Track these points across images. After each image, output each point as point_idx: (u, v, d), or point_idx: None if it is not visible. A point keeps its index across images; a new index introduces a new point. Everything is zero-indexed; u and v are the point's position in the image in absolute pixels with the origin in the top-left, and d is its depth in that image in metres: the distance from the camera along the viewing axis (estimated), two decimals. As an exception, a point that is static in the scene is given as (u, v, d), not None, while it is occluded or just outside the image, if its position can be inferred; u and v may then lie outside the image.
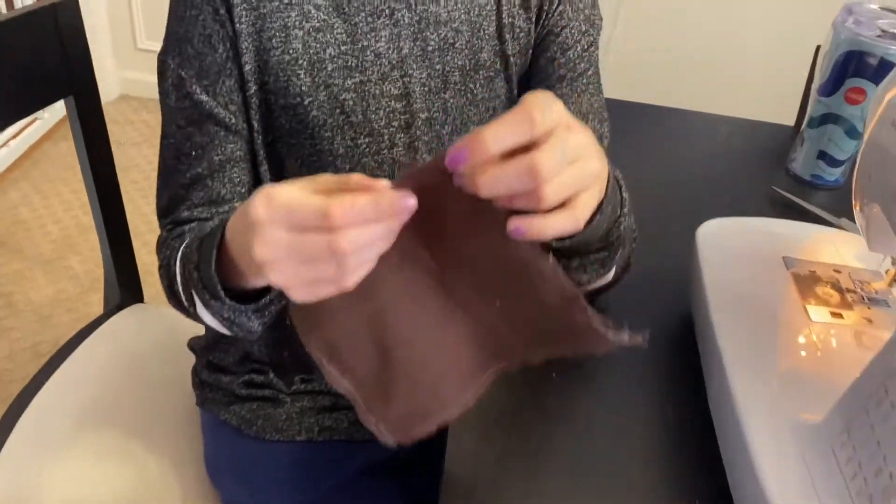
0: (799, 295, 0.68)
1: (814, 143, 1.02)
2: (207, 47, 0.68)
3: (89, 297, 1.86)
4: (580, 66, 0.77)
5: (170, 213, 0.73)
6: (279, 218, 0.43)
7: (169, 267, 0.69)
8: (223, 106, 0.69)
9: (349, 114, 0.70)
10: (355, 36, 0.70)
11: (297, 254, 0.44)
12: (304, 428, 0.82)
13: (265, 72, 0.69)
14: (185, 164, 0.71)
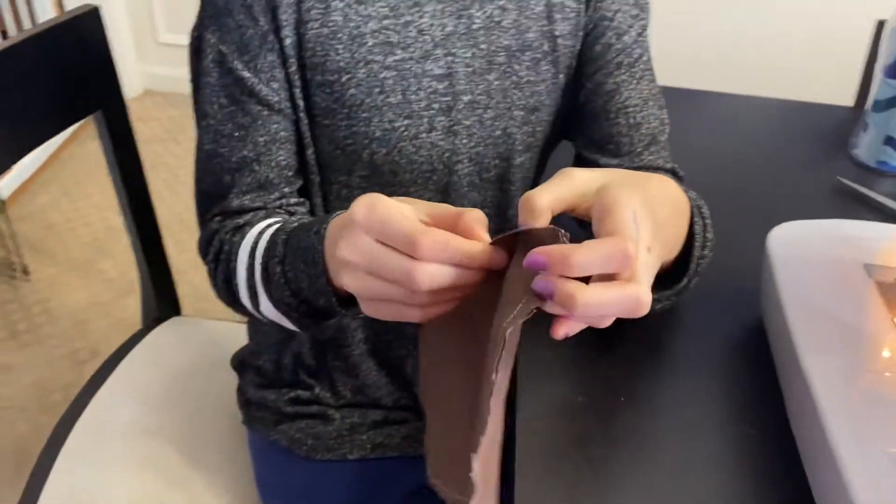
0: (886, 307, 0.63)
1: (880, 128, 0.96)
2: (249, 19, 0.64)
3: (124, 300, 1.86)
4: (636, 51, 0.73)
5: (216, 202, 0.69)
6: (372, 227, 0.44)
7: (229, 262, 0.66)
8: (265, 83, 0.66)
9: (388, 93, 0.67)
10: (398, 10, 0.66)
11: (375, 266, 0.45)
12: (355, 446, 0.79)
13: (302, 45, 0.65)
14: (226, 146, 0.68)
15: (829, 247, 0.70)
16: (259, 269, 0.63)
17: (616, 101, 0.73)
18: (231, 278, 0.67)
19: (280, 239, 0.61)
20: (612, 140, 0.74)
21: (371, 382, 0.80)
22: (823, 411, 0.55)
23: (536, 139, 0.75)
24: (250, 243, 0.65)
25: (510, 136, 0.72)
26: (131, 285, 1.90)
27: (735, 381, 0.67)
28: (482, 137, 0.71)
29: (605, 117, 0.74)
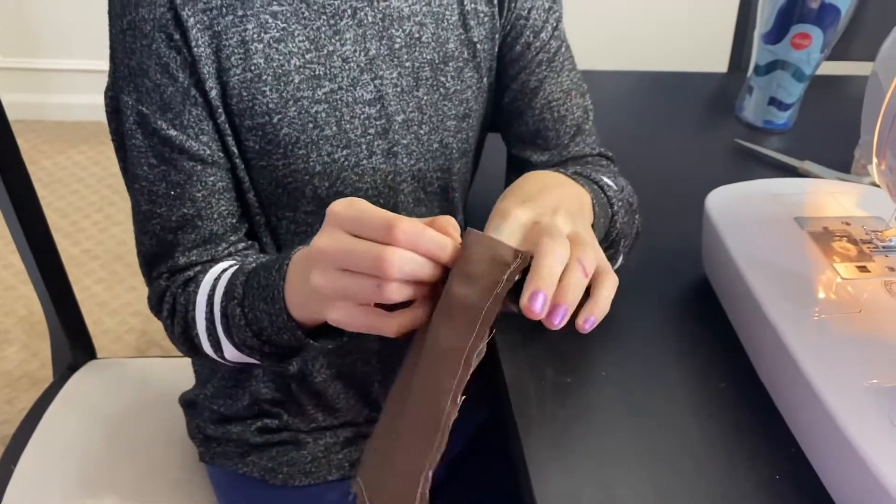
0: (823, 254, 0.69)
1: (763, 90, 1.04)
2: (166, 77, 0.61)
3: (3, 352, 1.70)
4: (553, 45, 0.76)
5: (161, 261, 0.67)
6: (349, 217, 0.47)
7: (186, 313, 0.64)
8: (194, 138, 0.63)
9: (322, 127, 0.66)
10: (319, 42, 0.64)
11: (348, 256, 0.47)
12: (332, 466, 0.78)
13: (228, 93, 0.63)
14: (163, 206, 0.65)
15: (761, 205, 0.75)
16: (219, 315, 0.62)
17: (540, 97, 0.75)
18: (190, 329, 0.65)
19: (239, 281, 0.61)
20: (539, 135, 0.77)
21: (341, 406, 0.79)
22: (797, 356, 0.60)
23: (469, 144, 0.76)
24: (207, 290, 0.64)
25: (447, 146, 0.73)
26: (6, 334, 1.75)
27: (693, 340, 0.71)
28: (421, 153, 0.71)
29: (531, 114, 0.76)
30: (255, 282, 0.59)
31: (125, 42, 0.62)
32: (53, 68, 2.37)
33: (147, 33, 0.61)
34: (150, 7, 0.60)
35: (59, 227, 2.04)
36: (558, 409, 0.63)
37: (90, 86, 2.39)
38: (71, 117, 2.45)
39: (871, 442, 0.53)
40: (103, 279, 1.90)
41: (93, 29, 2.31)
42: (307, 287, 0.50)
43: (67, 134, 2.41)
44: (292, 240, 0.72)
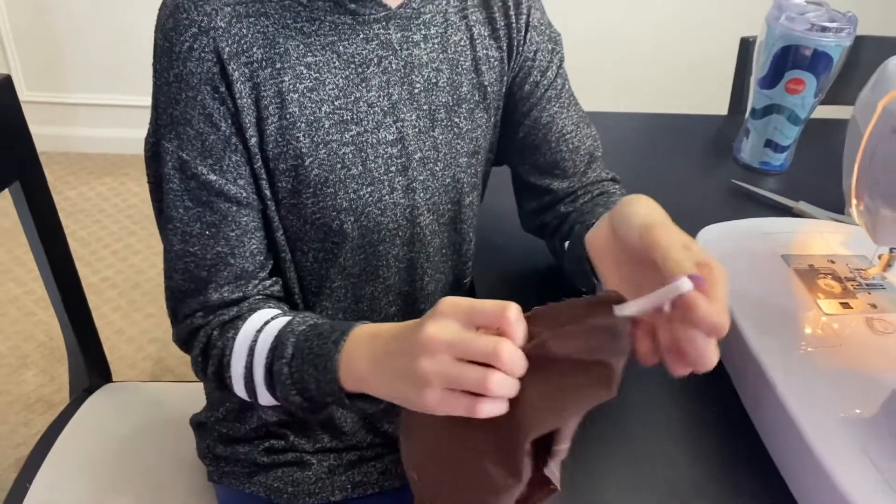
0: (807, 290, 0.72)
1: (760, 133, 1.08)
2: (209, 126, 0.65)
3: (21, 376, 1.75)
4: (559, 82, 0.80)
5: (192, 297, 0.70)
6: (459, 313, 0.50)
7: (222, 356, 0.68)
8: (233, 182, 0.67)
9: (349, 167, 0.70)
10: (347, 89, 0.69)
11: (460, 349, 0.49)
12: (336, 487, 0.80)
13: (265, 140, 0.67)
14: (197, 245, 0.68)
15: (749, 243, 0.79)
16: (262, 370, 0.65)
17: (554, 131, 0.80)
18: (223, 370, 0.68)
19: (289, 341, 0.64)
20: (558, 165, 0.81)
21: (347, 429, 0.82)
22: (777, 386, 0.62)
23: (478, 178, 0.80)
24: (249, 341, 0.66)
25: (458, 181, 0.77)
26: (25, 359, 1.79)
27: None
28: (436, 188, 0.75)
29: (548, 147, 0.80)
30: (307, 346, 0.62)
31: (170, 93, 0.66)
32: (79, 102, 2.45)
33: (193, 86, 0.65)
34: (198, 62, 0.64)
35: (80, 256, 2.09)
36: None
37: (113, 120, 2.47)
38: (95, 150, 2.53)
39: (844, 470, 0.55)
40: (121, 307, 1.95)
41: (117, 66, 2.40)
42: (397, 368, 0.53)
43: (92, 166, 2.49)
44: (317, 275, 0.75)
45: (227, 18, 0.63)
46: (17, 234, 0.93)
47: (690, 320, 0.47)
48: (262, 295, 0.71)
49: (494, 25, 0.76)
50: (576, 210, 0.80)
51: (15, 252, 2.10)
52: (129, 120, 2.46)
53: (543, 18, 0.80)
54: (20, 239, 1.02)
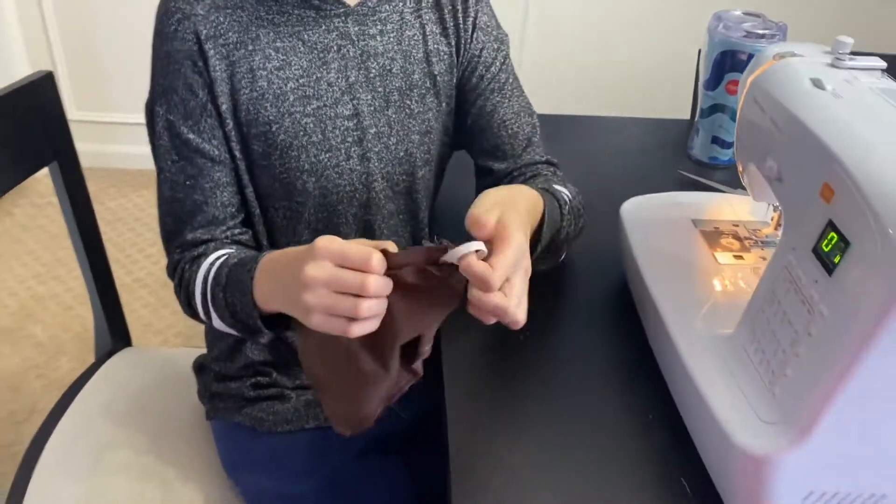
0: (707, 246, 0.84)
1: (707, 131, 1.20)
2: (190, 94, 0.81)
3: (56, 361, 1.92)
4: (502, 76, 0.94)
5: (176, 237, 0.85)
6: (332, 255, 0.61)
7: (189, 287, 0.82)
8: (207, 141, 0.82)
9: (310, 134, 0.84)
10: (310, 70, 0.83)
11: (334, 283, 0.61)
12: (311, 416, 0.93)
13: (238, 108, 0.82)
14: (181, 192, 0.83)
15: (664, 210, 0.91)
16: (210, 295, 0.80)
17: (496, 118, 0.93)
18: (191, 297, 0.83)
19: (223, 272, 0.78)
20: (498, 148, 0.95)
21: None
22: (668, 322, 0.74)
23: (431, 155, 0.94)
24: (203, 273, 0.81)
25: (411, 155, 0.91)
26: (63, 346, 1.96)
27: (610, 318, 0.86)
28: (389, 160, 0.89)
29: (490, 132, 0.94)
30: (233, 275, 0.77)
31: (161, 67, 0.82)
32: (120, 121, 2.67)
33: (178, 60, 0.81)
34: (181, 41, 0.80)
35: (116, 259, 2.27)
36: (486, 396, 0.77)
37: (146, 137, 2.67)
38: (133, 166, 2.73)
39: (708, 381, 0.67)
40: (150, 304, 2.12)
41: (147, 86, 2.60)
42: (288, 296, 0.66)
43: (131, 180, 2.69)
44: (284, 229, 0.90)
45: (206, 8, 0.79)
46: (62, 239, 1.09)
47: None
48: (228, 240, 0.86)
49: (444, 25, 0.90)
50: None
51: (58, 254, 2.29)
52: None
53: (490, 21, 0.94)
54: (64, 243, 1.16)
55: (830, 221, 0.57)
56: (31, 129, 1.05)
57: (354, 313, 0.61)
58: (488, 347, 0.83)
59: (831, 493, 0.60)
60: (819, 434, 0.56)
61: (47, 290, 2.16)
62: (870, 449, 0.58)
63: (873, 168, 0.54)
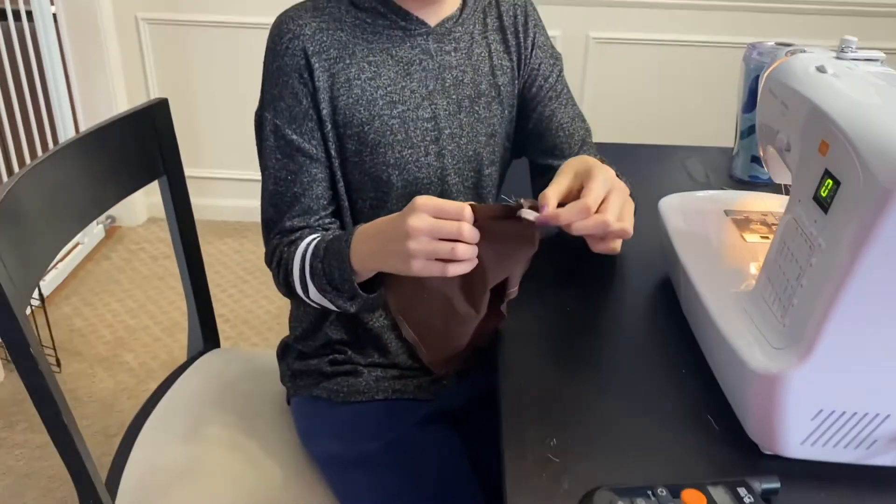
0: (737, 229, 0.93)
1: (746, 151, 1.30)
2: (295, 101, 0.96)
3: (147, 385, 2.08)
4: (558, 87, 1.08)
5: (276, 224, 0.99)
6: (430, 209, 0.75)
7: (289, 263, 0.95)
8: (307, 141, 0.97)
9: (396, 133, 0.98)
10: (396, 80, 0.98)
11: (435, 231, 0.75)
12: (380, 390, 1.04)
13: (336, 112, 0.97)
14: (283, 186, 0.98)
15: (700, 203, 1.01)
16: (308, 267, 0.93)
17: (554, 121, 1.07)
18: (289, 276, 0.96)
19: (321, 246, 0.92)
20: (556, 147, 1.08)
21: (392, 349, 1.06)
22: (700, 286, 0.84)
23: (496, 156, 1.07)
24: (301, 250, 0.95)
25: (479, 154, 1.04)
26: (151, 372, 2.13)
27: (651, 300, 0.96)
28: (460, 157, 1.03)
29: (550, 133, 1.07)
30: (331, 247, 0.90)
31: (271, 78, 0.98)
32: (208, 176, 2.90)
33: (287, 73, 0.96)
34: (291, 57, 0.95)
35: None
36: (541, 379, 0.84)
37: (236, 191, 2.90)
38: (218, 217, 2.96)
39: (729, 324, 0.76)
40: (230, 337, 2.28)
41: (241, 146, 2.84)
42: (390, 250, 0.80)
43: (216, 229, 2.91)
44: (369, 216, 1.02)
45: (312, 29, 0.95)
46: (152, 280, 1.23)
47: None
48: (320, 227, 0.99)
49: (507, 45, 1.05)
50: None
51: (149, 293, 2.49)
52: (249, 192, 2.89)
53: (546, 42, 1.08)
54: (154, 283, 1.29)
55: (826, 170, 0.67)
56: (148, 146, 1.22)
57: (453, 255, 0.74)
58: (541, 332, 0.92)
59: (839, 411, 0.67)
60: (820, 352, 0.65)
61: (138, 322, 2.35)
62: (870, 368, 0.66)
63: (859, 122, 0.64)
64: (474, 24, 1.03)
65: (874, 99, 0.69)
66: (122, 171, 1.19)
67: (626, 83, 2.71)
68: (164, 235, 2.86)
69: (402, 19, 0.98)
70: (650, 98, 2.72)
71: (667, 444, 0.73)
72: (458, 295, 0.79)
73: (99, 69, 2.65)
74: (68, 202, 1.07)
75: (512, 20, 1.06)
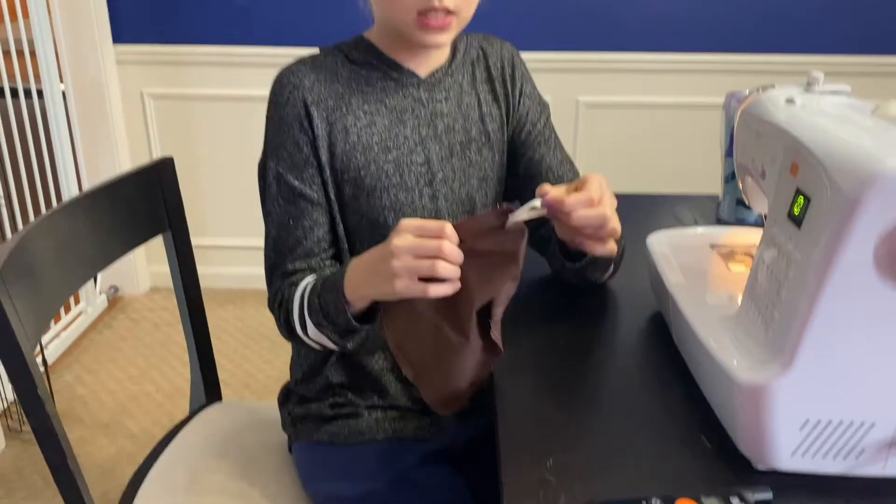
0: (723, 261, 0.97)
1: (731, 194, 1.34)
2: (297, 149, 1.01)
3: (149, 449, 2.06)
4: (546, 132, 1.13)
5: (277, 268, 1.02)
6: (412, 228, 0.80)
7: (289, 303, 0.98)
8: (309, 187, 1.01)
9: (391, 177, 1.02)
10: (390, 127, 1.03)
11: (416, 249, 0.78)
12: (380, 430, 1.05)
13: (334, 158, 1.01)
14: (285, 231, 1.01)
15: (686, 238, 1.04)
16: (307, 303, 0.96)
17: (543, 165, 1.11)
18: (289, 316, 0.99)
19: (318, 282, 0.96)
20: None
21: (392, 391, 1.08)
22: (688, 314, 0.86)
23: (488, 199, 1.11)
24: (301, 289, 0.98)
25: (471, 197, 1.08)
26: (153, 438, 2.11)
27: (643, 331, 0.98)
28: (453, 200, 1.07)
29: (540, 177, 1.11)
30: (327, 281, 0.94)
31: (274, 128, 1.02)
32: (209, 245, 2.95)
33: (289, 123, 1.01)
34: (292, 107, 1.00)
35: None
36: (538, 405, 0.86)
37: (237, 259, 2.95)
38: (218, 285, 2.99)
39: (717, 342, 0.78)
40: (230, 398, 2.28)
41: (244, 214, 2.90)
42: (376, 271, 0.83)
43: (217, 297, 2.93)
44: None
45: (311, 81, 1.00)
46: (155, 347, 1.24)
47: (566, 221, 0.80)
48: (320, 269, 1.02)
49: (496, 94, 1.10)
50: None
51: (151, 360, 2.50)
52: (249, 259, 2.93)
53: (534, 91, 1.14)
54: (157, 351, 1.32)
55: (798, 189, 0.70)
56: (153, 201, 1.27)
57: (433, 272, 0.77)
58: (536, 365, 0.94)
59: (825, 421, 0.69)
60: (802, 361, 0.67)
61: (140, 389, 2.36)
62: (852, 376, 0.68)
63: (824, 142, 0.69)
64: (463, 75, 1.09)
65: (839, 122, 0.73)
66: (129, 225, 1.23)
67: (616, 142, 2.79)
68: (167, 304, 2.89)
69: (394, 71, 1.03)
70: (639, 155, 2.80)
71: (661, 462, 0.75)
72: (445, 322, 0.81)
73: (104, 141, 2.73)
74: (76, 254, 1.11)
75: (500, 71, 1.12)
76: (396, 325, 0.86)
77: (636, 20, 2.61)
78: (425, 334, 0.83)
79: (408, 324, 0.84)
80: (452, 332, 0.81)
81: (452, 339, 0.81)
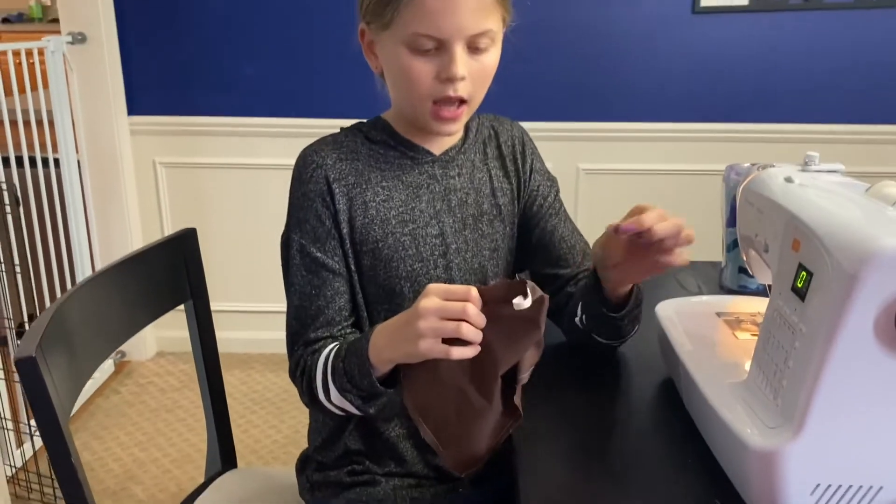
0: (729, 329, 1.01)
1: (733, 262, 1.39)
2: (319, 223, 1.06)
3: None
4: (556, 205, 1.18)
5: (300, 336, 1.06)
6: (439, 291, 0.84)
7: (312, 370, 1.01)
8: (331, 258, 1.06)
9: (407, 249, 1.07)
10: (407, 201, 1.08)
11: (441, 311, 0.82)
12: (398, 497, 1.08)
13: (354, 231, 1.06)
14: (307, 300, 1.06)
15: (693, 306, 1.09)
16: (330, 368, 1.00)
17: (556, 235, 1.16)
18: (312, 383, 1.03)
19: (343, 348, 1.00)
20: (561, 258, 1.17)
21: (408, 459, 1.11)
22: (700, 382, 0.90)
23: (499, 269, 1.16)
24: (324, 356, 1.02)
25: (483, 267, 1.13)
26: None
27: (655, 397, 1.02)
28: (466, 270, 1.12)
29: (553, 246, 1.16)
30: (351, 346, 0.98)
31: (298, 203, 1.08)
32: (222, 310, 2.99)
33: (311, 199, 1.07)
34: (315, 184, 1.06)
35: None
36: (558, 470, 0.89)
37: (237, 324, 2.98)
38: (223, 349, 3.01)
39: (728, 410, 0.82)
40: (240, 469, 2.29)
41: (253, 278, 2.94)
42: (402, 332, 0.87)
43: (224, 362, 2.95)
44: None
45: (333, 159, 1.06)
46: (161, 412, 1.26)
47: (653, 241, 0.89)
48: (342, 337, 1.06)
49: (507, 170, 1.16)
50: (577, 289, 1.13)
51: (157, 426, 2.51)
52: (254, 324, 2.96)
53: (543, 167, 1.20)
54: (164, 416, 1.34)
55: (800, 264, 0.75)
56: (177, 271, 1.31)
57: (457, 333, 0.81)
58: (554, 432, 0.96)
59: (835, 485, 0.73)
60: (811, 427, 0.71)
61: (147, 455, 2.36)
62: (859, 441, 0.71)
63: (824, 220, 0.74)
64: (475, 153, 1.15)
65: (835, 201, 0.78)
66: (154, 294, 1.27)
67: (616, 209, 2.84)
68: (173, 369, 2.90)
69: (409, 150, 1.10)
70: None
71: (678, 526, 0.78)
72: (470, 385, 0.84)
73: (116, 208, 2.79)
74: (106, 323, 1.15)
75: (510, 149, 1.18)
76: (417, 387, 0.89)
77: (633, 92, 2.71)
78: (448, 397, 0.86)
79: (429, 386, 0.88)
80: (476, 396, 0.84)
81: (476, 402, 0.84)
